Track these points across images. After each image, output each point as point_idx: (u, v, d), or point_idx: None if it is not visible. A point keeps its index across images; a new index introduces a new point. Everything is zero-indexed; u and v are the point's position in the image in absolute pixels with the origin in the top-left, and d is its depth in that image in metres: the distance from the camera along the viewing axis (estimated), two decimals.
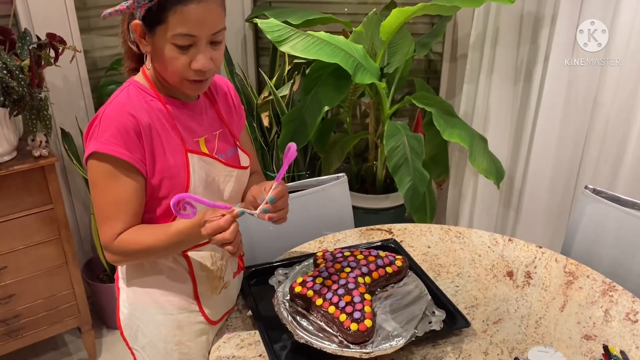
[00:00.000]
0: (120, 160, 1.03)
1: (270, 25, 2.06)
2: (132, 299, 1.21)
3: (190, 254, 1.18)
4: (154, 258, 1.16)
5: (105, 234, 1.07)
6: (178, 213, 0.95)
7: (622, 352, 1.16)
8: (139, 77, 1.12)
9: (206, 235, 1.00)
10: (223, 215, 0.99)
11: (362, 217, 2.45)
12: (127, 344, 1.25)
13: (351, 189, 2.50)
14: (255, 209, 1.05)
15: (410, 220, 2.28)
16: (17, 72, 1.68)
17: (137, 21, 1.02)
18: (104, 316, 2.41)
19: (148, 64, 1.10)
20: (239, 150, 1.24)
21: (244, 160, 1.25)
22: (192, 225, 1.03)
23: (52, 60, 1.83)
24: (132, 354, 1.26)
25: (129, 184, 1.05)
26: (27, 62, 1.72)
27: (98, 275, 2.38)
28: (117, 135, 1.02)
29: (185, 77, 1.05)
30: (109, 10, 1.04)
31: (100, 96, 2.29)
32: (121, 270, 1.24)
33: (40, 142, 1.84)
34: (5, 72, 1.66)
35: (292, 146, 1.08)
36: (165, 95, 1.11)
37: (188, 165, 1.10)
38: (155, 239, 1.07)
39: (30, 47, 1.75)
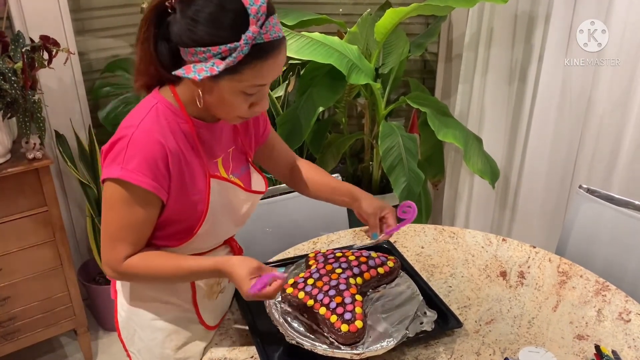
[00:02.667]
0: (143, 190, 1.00)
1: None
2: (129, 303, 1.20)
3: None
4: (157, 284, 1.16)
5: (112, 254, 1.05)
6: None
7: (614, 352, 1.16)
8: (167, 95, 1.06)
9: (249, 298, 1.04)
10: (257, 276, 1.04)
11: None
12: (124, 346, 1.25)
13: None
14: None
15: None
16: (9, 74, 1.68)
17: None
18: (100, 318, 2.41)
19: (183, 91, 1.05)
20: (251, 168, 1.25)
21: (258, 182, 1.25)
22: (208, 269, 1.06)
23: (46, 63, 1.83)
24: (129, 355, 1.25)
25: (147, 211, 1.03)
26: (20, 64, 1.72)
27: (94, 277, 2.38)
28: (144, 165, 0.99)
29: (240, 116, 1.06)
30: (199, 76, 0.94)
31: (95, 98, 2.28)
32: None
33: (34, 144, 1.84)
34: None
35: (413, 207, 1.16)
36: (193, 117, 1.08)
37: (209, 190, 1.09)
38: (167, 269, 1.06)
39: (23, 50, 1.75)
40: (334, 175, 1.80)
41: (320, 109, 2.20)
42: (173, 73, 0.97)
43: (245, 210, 1.21)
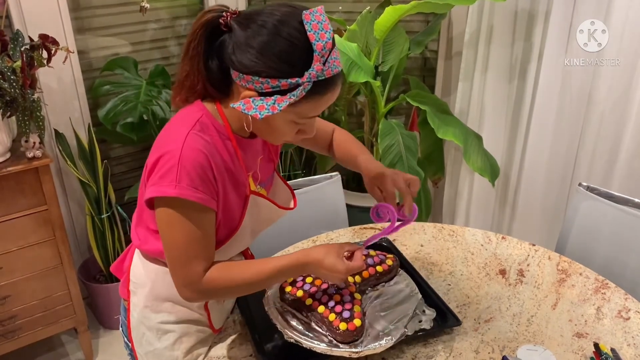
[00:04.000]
0: (199, 205, 0.98)
1: None
2: (143, 305, 1.19)
3: None
4: (240, 294, 1.17)
5: (189, 273, 1.01)
6: (375, 217, 1.05)
7: (612, 350, 1.16)
8: (212, 109, 1.03)
9: (344, 275, 1.03)
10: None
11: (359, 215, 2.44)
12: (132, 346, 1.24)
13: (347, 187, 2.50)
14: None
15: None
16: (8, 73, 1.68)
17: (251, 92, 0.93)
18: (100, 317, 2.41)
19: (230, 110, 1.02)
20: (276, 176, 1.25)
21: (283, 192, 1.25)
22: (292, 265, 1.03)
23: (45, 62, 1.83)
24: (135, 356, 1.24)
25: (207, 223, 1.01)
26: (19, 63, 1.72)
27: (94, 275, 2.38)
28: (198, 180, 0.96)
29: (286, 141, 1.05)
30: (261, 115, 0.91)
31: (94, 97, 2.28)
32: (134, 274, 1.20)
33: (34, 143, 1.84)
34: None
35: (415, 210, 1.15)
36: (235, 133, 1.06)
37: (246, 206, 1.09)
38: (250, 275, 1.03)
39: (22, 49, 1.75)
40: (333, 173, 1.81)
41: None
42: (232, 106, 0.94)
43: (270, 225, 1.22)
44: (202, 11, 0.98)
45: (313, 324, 1.14)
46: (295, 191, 1.71)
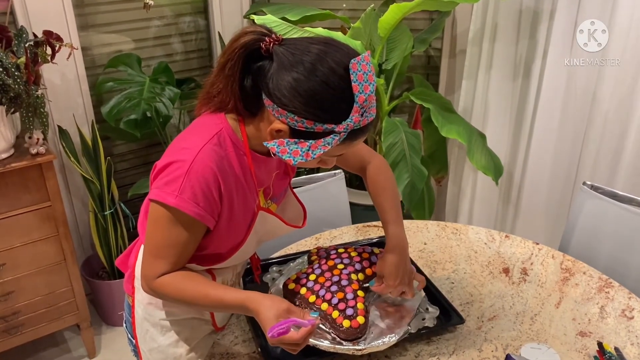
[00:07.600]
0: (193, 219, 0.98)
1: (267, 21, 2.05)
2: (147, 302, 1.19)
3: (215, 272, 1.16)
4: (187, 306, 1.15)
5: (150, 269, 1.03)
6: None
7: (616, 349, 1.16)
8: (233, 123, 1.02)
9: (273, 343, 0.97)
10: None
11: (362, 213, 2.44)
12: (136, 342, 1.24)
13: (350, 185, 2.50)
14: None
15: (409, 217, 2.28)
16: (13, 69, 1.68)
17: (282, 125, 0.92)
18: (103, 313, 2.42)
19: (253, 129, 1.01)
20: (289, 190, 1.24)
21: (294, 210, 1.25)
22: (235, 304, 1.01)
23: (49, 58, 1.83)
24: (139, 353, 1.24)
25: (192, 235, 1.02)
26: (23, 59, 1.72)
27: (97, 272, 2.39)
28: (200, 195, 0.96)
29: (306, 168, 1.05)
30: (295, 161, 0.92)
31: (98, 93, 2.29)
32: (139, 271, 1.21)
33: (38, 139, 1.84)
34: (1, 69, 1.66)
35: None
36: (252, 149, 1.05)
37: (254, 222, 1.09)
38: (195, 294, 1.03)
39: (26, 45, 1.75)
40: (336, 171, 1.80)
41: None
42: (265, 144, 0.93)
43: (275, 238, 1.22)
44: (241, 30, 0.96)
45: None
46: (298, 189, 1.72)
